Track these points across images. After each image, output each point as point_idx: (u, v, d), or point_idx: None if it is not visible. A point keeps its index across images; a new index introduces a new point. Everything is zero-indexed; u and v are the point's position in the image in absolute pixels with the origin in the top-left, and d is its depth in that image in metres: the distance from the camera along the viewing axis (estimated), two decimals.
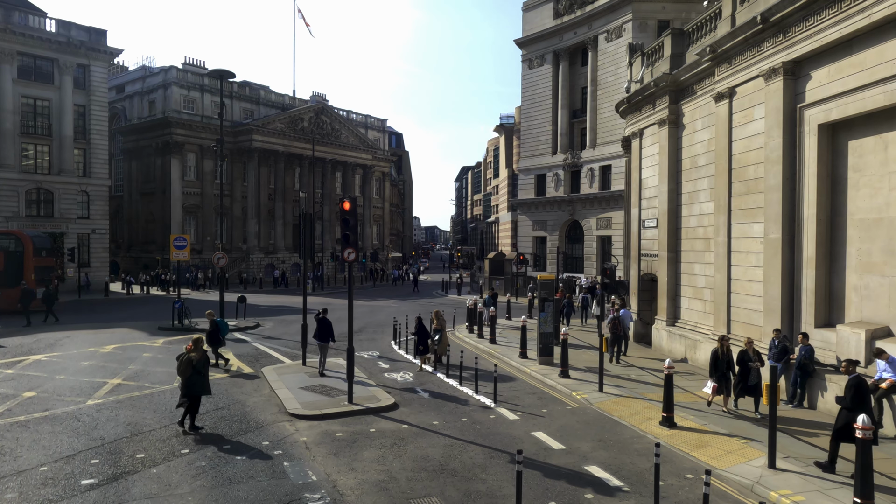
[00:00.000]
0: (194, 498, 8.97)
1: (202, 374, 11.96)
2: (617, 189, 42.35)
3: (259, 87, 64.11)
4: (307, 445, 11.33)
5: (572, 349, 20.23)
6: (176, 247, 27.10)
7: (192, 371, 11.77)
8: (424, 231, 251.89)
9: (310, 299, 22.81)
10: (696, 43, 20.05)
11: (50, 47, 42.56)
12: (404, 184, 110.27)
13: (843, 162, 13.93)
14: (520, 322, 21.32)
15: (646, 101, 23.01)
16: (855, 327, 13.03)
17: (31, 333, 24.27)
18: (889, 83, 12.12)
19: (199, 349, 12.07)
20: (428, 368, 18.24)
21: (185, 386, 11.84)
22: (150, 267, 52.32)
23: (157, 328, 26.11)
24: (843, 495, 8.93)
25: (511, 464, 10.20)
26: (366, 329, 26.94)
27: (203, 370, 12.00)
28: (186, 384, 11.82)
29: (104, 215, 46.53)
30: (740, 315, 16.85)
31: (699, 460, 10.64)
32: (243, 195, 59.77)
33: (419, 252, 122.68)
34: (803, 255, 14.52)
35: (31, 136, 42.60)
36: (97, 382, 15.96)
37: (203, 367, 12.01)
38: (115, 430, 12.02)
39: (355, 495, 9.13)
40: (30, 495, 8.97)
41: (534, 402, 14.74)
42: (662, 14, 42.60)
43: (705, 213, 19.15)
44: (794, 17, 14.25)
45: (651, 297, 23.26)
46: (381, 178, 77.17)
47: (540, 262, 50.63)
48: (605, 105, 44.48)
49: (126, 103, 60.43)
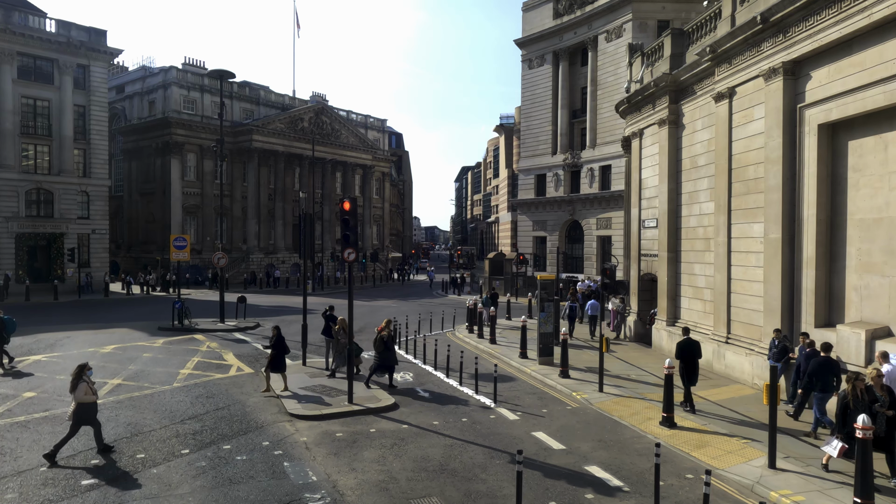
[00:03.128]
0: (194, 498, 8.97)
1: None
2: (617, 189, 42.34)
3: (259, 88, 64.10)
4: (307, 445, 11.33)
5: (572, 349, 20.24)
6: (176, 247, 27.12)
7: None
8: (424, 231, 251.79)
9: (310, 299, 22.81)
10: (696, 43, 20.06)
11: (50, 47, 42.54)
12: (404, 184, 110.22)
13: (843, 162, 13.94)
14: (520, 322, 21.32)
15: (646, 101, 23.02)
16: (855, 327, 13.03)
17: (31, 334, 24.27)
18: (889, 83, 12.12)
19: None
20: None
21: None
22: (149, 267, 52.31)
23: (157, 328, 26.11)
24: (843, 495, 8.93)
25: (511, 464, 10.20)
26: (366, 329, 26.93)
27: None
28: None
29: (104, 215, 46.51)
30: (740, 315, 16.86)
31: (699, 460, 10.64)
32: (243, 195, 59.77)
33: (419, 252, 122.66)
34: (803, 255, 14.52)
35: (31, 137, 42.58)
36: (97, 383, 15.91)
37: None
38: (115, 430, 12.02)
39: (355, 495, 9.13)
40: (30, 495, 8.97)
41: (534, 402, 14.74)
42: (662, 14, 42.60)
43: (705, 213, 19.16)
44: (794, 17, 14.25)
45: (651, 297, 23.26)
46: (381, 178, 77.17)
47: (540, 262, 50.62)
48: (605, 105, 44.47)
49: (126, 103, 60.43)
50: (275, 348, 15.16)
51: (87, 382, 10.49)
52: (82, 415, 10.42)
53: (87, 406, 10.47)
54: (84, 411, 10.44)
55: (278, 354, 15.13)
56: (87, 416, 10.52)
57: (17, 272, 41.64)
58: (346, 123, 68.57)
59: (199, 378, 16.70)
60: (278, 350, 15.14)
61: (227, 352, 20.96)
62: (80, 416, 10.40)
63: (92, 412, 10.57)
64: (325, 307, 18.69)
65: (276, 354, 15.11)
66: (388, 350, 15.79)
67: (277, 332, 15.35)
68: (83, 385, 10.39)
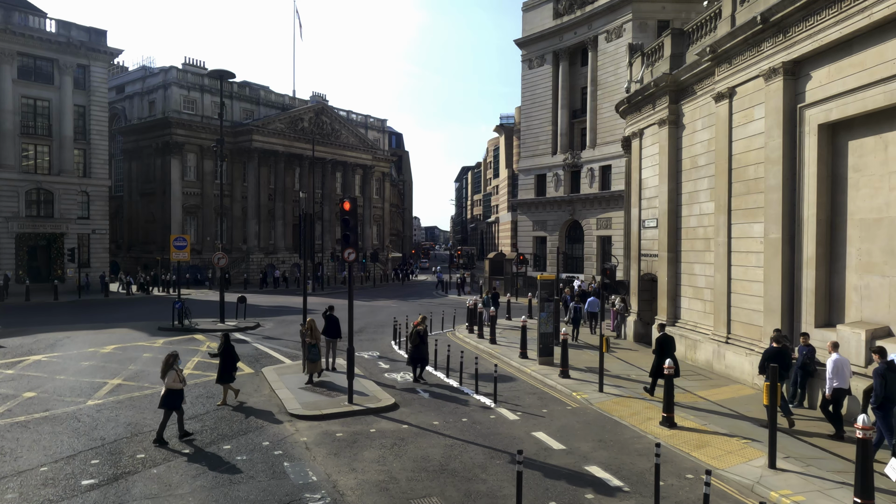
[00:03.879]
0: (194, 498, 8.97)
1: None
2: (617, 189, 42.35)
3: (259, 88, 64.11)
4: (307, 446, 11.33)
5: (572, 349, 20.24)
6: (176, 247, 27.12)
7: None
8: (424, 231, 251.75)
9: (310, 299, 22.81)
10: (696, 43, 20.05)
11: (50, 48, 42.57)
12: (404, 184, 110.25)
13: (843, 162, 13.94)
14: (520, 322, 21.32)
15: (646, 101, 23.02)
16: (855, 327, 13.03)
17: (31, 334, 24.27)
18: (889, 83, 12.12)
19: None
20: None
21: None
22: (149, 267, 52.33)
23: (158, 328, 26.11)
24: (843, 495, 8.93)
25: (511, 464, 10.20)
26: (366, 329, 26.94)
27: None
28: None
29: (104, 215, 46.53)
30: (740, 315, 16.85)
31: (699, 460, 10.64)
32: (243, 195, 59.78)
33: (419, 252, 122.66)
34: (803, 255, 14.52)
35: (31, 137, 42.60)
36: (97, 383, 15.96)
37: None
38: (115, 430, 12.02)
39: (355, 495, 9.13)
40: (30, 495, 8.97)
41: (534, 402, 14.74)
42: (662, 14, 42.62)
43: (705, 213, 19.15)
44: (794, 17, 14.25)
45: (651, 298, 23.26)
46: (381, 178, 77.18)
47: (540, 262, 50.63)
48: (605, 105, 44.48)
49: (126, 103, 60.43)
50: (223, 357, 13.94)
51: (177, 371, 11.38)
52: (170, 400, 11.30)
53: (175, 392, 11.35)
54: (172, 397, 11.33)
55: (227, 364, 13.93)
56: (175, 401, 11.38)
57: (17, 272, 41.67)
58: (346, 123, 68.59)
59: (199, 378, 16.69)
60: (226, 359, 13.93)
61: None
62: (168, 401, 11.29)
63: (179, 398, 11.44)
64: (326, 307, 18.68)
65: (224, 364, 13.90)
66: (423, 343, 16.69)
67: (225, 340, 14.16)
68: (172, 373, 11.30)
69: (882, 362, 10.34)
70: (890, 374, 10.19)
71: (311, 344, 15.88)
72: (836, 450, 10.97)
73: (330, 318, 17.93)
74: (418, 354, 16.62)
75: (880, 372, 10.20)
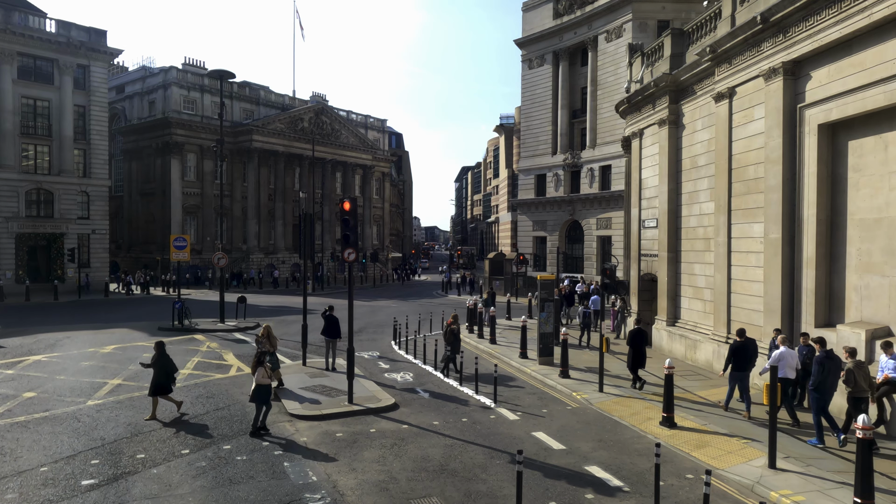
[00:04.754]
0: (195, 498, 8.97)
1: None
2: (617, 189, 42.34)
3: (259, 88, 64.10)
4: (307, 446, 11.33)
5: (572, 349, 20.23)
6: (176, 247, 27.12)
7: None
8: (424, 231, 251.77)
9: (310, 299, 22.81)
10: (696, 43, 20.05)
11: (50, 48, 42.55)
12: (404, 184, 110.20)
13: (843, 162, 13.94)
14: (520, 322, 21.32)
15: (646, 101, 23.01)
16: (855, 327, 13.03)
17: (31, 334, 24.26)
18: (889, 83, 12.12)
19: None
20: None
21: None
22: (149, 267, 52.34)
23: (158, 328, 26.09)
24: (843, 495, 8.93)
25: (511, 464, 10.20)
26: (366, 329, 26.93)
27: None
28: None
29: (104, 216, 46.51)
30: (740, 315, 16.85)
31: (699, 460, 10.64)
32: (243, 195, 59.78)
33: (419, 252, 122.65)
34: (803, 255, 14.52)
35: (31, 137, 42.58)
36: (97, 383, 15.96)
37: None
38: (115, 430, 12.02)
39: (356, 495, 9.13)
40: (30, 496, 8.98)
41: (534, 402, 14.74)
42: (662, 14, 42.60)
43: (705, 213, 19.15)
44: (794, 17, 14.25)
45: (651, 297, 23.25)
46: (381, 178, 77.18)
47: (540, 262, 50.62)
48: (605, 105, 44.47)
49: (126, 103, 60.42)
50: (157, 368, 12.82)
51: (265, 367, 11.91)
52: (260, 394, 11.80)
53: (263, 387, 11.85)
54: (261, 392, 11.82)
55: (162, 375, 12.81)
56: (264, 396, 11.85)
57: (17, 272, 41.65)
58: (346, 123, 68.59)
59: (199, 378, 16.70)
60: (161, 370, 12.83)
61: (227, 352, 20.96)
62: (258, 395, 11.78)
63: (267, 393, 11.95)
64: (325, 307, 18.68)
65: (159, 375, 12.80)
66: (457, 340, 17.67)
67: (159, 349, 13.10)
68: (261, 369, 11.83)
69: (822, 351, 11.63)
70: (828, 362, 11.39)
71: (267, 352, 14.08)
72: (836, 450, 10.97)
73: (329, 318, 17.92)
74: (452, 354, 17.54)
75: (819, 360, 11.47)
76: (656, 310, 22.36)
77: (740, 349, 13.46)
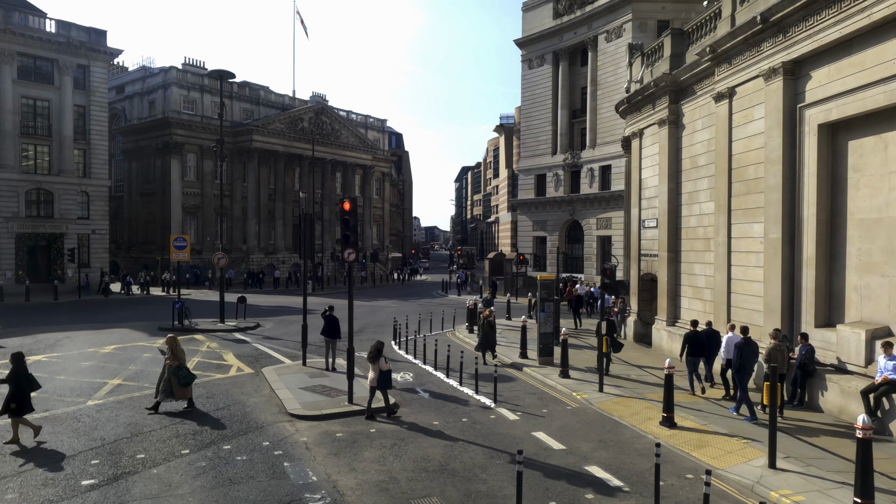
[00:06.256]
0: (195, 498, 8.97)
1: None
2: (617, 189, 42.35)
3: (259, 88, 64.10)
4: (307, 446, 11.33)
5: (572, 349, 20.23)
6: (176, 247, 27.11)
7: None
8: (424, 231, 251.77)
9: (310, 299, 22.81)
10: (696, 43, 20.05)
11: (50, 48, 42.54)
12: (404, 184, 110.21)
13: (843, 162, 13.94)
14: (520, 322, 21.32)
15: (646, 102, 23.02)
16: (855, 327, 13.03)
17: (31, 334, 24.26)
18: (889, 83, 12.12)
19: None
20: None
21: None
22: (150, 267, 52.32)
23: (158, 328, 26.09)
24: (843, 495, 8.93)
25: (511, 464, 10.20)
26: (366, 329, 26.93)
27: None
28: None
29: (104, 216, 46.51)
30: (740, 315, 16.85)
31: (699, 460, 10.64)
32: (243, 195, 59.77)
33: (419, 252, 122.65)
34: (803, 255, 14.52)
35: (31, 137, 42.58)
36: (97, 383, 15.96)
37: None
38: (115, 430, 12.02)
39: (356, 495, 9.13)
40: (30, 495, 8.97)
41: (534, 402, 14.74)
42: (662, 14, 42.61)
43: (705, 213, 19.16)
44: (794, 17, 14.25)
45: (651, 297, 23.26)
46: (381, 178, 77.18)
47: (540, 262, 50.63)
48: (605, 105, 44.48)
49: (126, 103, 60.42)
50: (12, 384, 10.95)
51: (384, 357, 13.22)
52: (380, 381, 13.06)
53: (385, 374, 13.11)
54: (384, 378, 13.09)
55: (17, 393, 10.87)
56: (386, 382, 13.15)
57: (17, 272, 41.65)
58: (346, 123, 68.58)
59: (199, 378, 16.65)
60: (17, 387, 10.93)
61: (227, 352, 20.97)
62: (380, 381, 13.05)
63: (388, 379, 13.24)
64: (325, 307, 18.68)
65: (13, 392, 10.85)
66: (492, 331, 19.50)
67: (16, 362, 11.15)
68: (381, 359, 13.08)
69: (742, 339, 13.32)
70: (746, 348, 13.12)
71: (174, 367, 13.11)
72: (836, 450, 10.98)
73: (329, 318, 17.94)
74: (488, 342, 19.36)
75: (739, 345, 13.24)
76: (656, 310, 22.37)
77: (693, 338, 15.26)
